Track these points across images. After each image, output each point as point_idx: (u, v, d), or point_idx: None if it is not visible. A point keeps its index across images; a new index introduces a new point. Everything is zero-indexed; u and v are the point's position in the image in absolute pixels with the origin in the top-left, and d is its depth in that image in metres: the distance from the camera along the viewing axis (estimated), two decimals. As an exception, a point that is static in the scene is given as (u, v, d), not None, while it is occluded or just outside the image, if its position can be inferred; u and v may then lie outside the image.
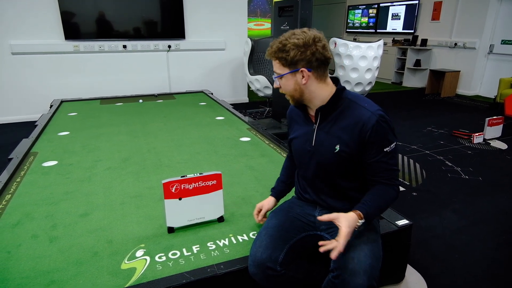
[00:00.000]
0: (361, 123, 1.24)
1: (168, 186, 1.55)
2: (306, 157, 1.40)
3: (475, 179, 3.03)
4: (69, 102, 4.53)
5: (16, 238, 1.60)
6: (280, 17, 3.93)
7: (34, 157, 2.60)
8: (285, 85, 1.31)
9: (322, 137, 1.33)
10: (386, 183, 1.29)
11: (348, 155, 1.28)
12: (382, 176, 1.28)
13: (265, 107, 5.60)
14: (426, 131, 4.47)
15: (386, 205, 1.31)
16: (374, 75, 4.50)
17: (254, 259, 1.31)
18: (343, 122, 1.29)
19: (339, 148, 1.29)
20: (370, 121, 1.23)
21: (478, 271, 1.88)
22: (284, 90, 1.33)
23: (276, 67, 1.30)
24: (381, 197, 1.28)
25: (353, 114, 1.27)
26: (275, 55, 1.28)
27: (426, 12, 7.47)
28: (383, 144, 1.25)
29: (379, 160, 1.26)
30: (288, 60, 1.25)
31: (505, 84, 5.55)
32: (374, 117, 1.23)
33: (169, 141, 2.95)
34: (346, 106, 1.30)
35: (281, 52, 1.26)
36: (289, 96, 1.34)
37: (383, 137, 1.24)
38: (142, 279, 1.33)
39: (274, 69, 1.32)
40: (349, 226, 1.17)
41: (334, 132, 1.30)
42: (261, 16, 8.83)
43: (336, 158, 1.30)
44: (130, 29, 5.15)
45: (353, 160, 1.30)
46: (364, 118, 1.24)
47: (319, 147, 1.34)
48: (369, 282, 1.13)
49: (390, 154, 1.27)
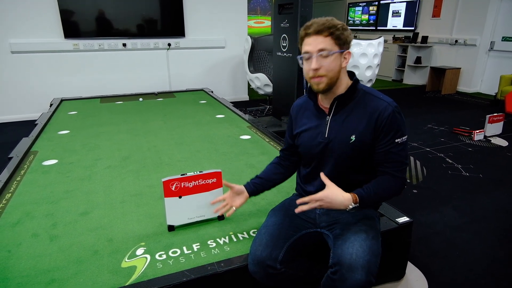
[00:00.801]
0: (377, 112, 1.27)
1: (168, 184, 1.55)
2: (316, 150, 1.38)
3: (476, 176, 3.03)
4: (69, 100, 4.53)
5: (16, 237, 1.60)
6: (280, 15, 3.92)
7: (34, 156, 2.60)
8: (330, 64, 1.24)
9: (337, 128, 1.33)
10: (393, 174, 1.30)
11: (364, 145, 1.29)
12: (390, 166, 1.29)
13: (265, 105, 5.60)
14: (426, 128, 4.46)
15: (387, 196, 1.32)
16: (374, 72, 4.49)
17: (254, 258, 1.31)
18: (359, 113, 1.30)
19: (354, 139, 1.29)
20: (387, 111, 1.26)
21: (478, 268, 1.88)
22: (326, 69, 1.24)
23: (326, 44, 1.22)
24: (383, 187, 1.29)
25: (370, 105, 1.29)
26: (329, 30, 1.22)
27: (426, 9, 7.45)
28: (396, 135, 1.27)
29: (389, 150, 1.28)
30: (342, 39, 1.24)
31: (506, 81, 5.54)
32: (390, 107, 1.27)
33: (169, 139, 2.95)
34: (361, 97, 1.32)
35: (335, 29, 1.23)
36: (326, 78, 1.25)
37: (396, 128, 1.27)
38: (142, 277, 1.33)
39: (319, 46, 1.22)
40: (327, 197, 1.22)
41: (349, 122, 1.31)
42: (261, 13, 8.81)
43: (352, 149, 1.31)
44: (130, 27, 5.14)
45: (367, 151, 1.31)
46: (381, 108, 1.27)
47: (333, 138, 1.33)
48: (367, 278, 1.13)
49: (401, 146, 1.29)
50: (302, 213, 1.42)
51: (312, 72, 1.25)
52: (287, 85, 4.00)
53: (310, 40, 1.24)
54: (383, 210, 1.71)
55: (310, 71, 1.26)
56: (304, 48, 1.27)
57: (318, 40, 1.23)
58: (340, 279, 1.15)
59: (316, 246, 1.46)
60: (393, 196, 1.34)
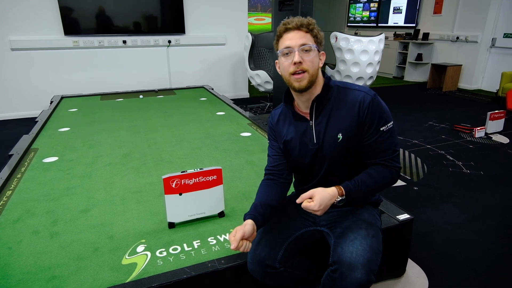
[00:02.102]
0: (357, 104, 1.25)
1: (169, 181, 1.54)
2: (308, 157, 1.34)
3: (477, 173, 3.02)
4: (70, 98, 4.52)
5: (17, 234, 1.60)
6: (281, 12, 3.90)
7: (34, 153, 2.60)
8: (313, 59, 1.23)
9: (323, 131, 1.29)
10: (384, 165, 1.27)
11: (352, 141, 1.27)
12: (381, 156, 1.27)
13: (266, 102, 5.59)
14: (427, 125, 4.45)
15: (377, 187, 1.28)
16: (375, 69, 4.48)
17: (253, 257, 1.30)
18: (340, 110, 1.27)
19: (341, 137, 1.27)
20: (366, 100, 1.24)
21: (479, 265, 1.88)
22: (308, 64, 1.22)
23: (307, 39, 1.21)
24: (372, 178, 1.26)
25: (348, 99, 1.27)
26: (309, 27, 1.22)
27: (428, 6, 7.41)
28: (380, 123, 1.25)
29: (376, 141, 1.25)
30: (319, 38, 1.24)
31: (507, 78, 5.51)
32: (368, 96, 1.25)
33: (170, 136, 2.95)
34: (338, 94, 1.29)
35: (314, 26, 1.23)
36: (308, 75, 1.22)
37: (379, 116, 1.24)
38: (143, 274, 1.33)
39: (301, 41, 1.21)
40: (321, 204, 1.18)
41: (333, 122, 1.28)
42: (262, 10, 8.78)
43: (341, 148, 1.28)
44: (130, 24, 5.13)
45: (357, 146, 1.28)
46: (359, 99, 1.25)
47: (322, 142, 1.30)
48: (367, 277, 1.13)
49: (387, 133, 1.26)
50: (302, 211, 1.41)
51: (294, 67, 1.22)
52: (287, 82, 3.98)
53: (291, 35, 1.22)
54: (384, 207, 1.71)
55: (291, 66, 1.22)
56: (283, 43, 1.23)
57: (299, 34, 1.21)
58: (340, 278, 1.14)
59: (316, 244, 1.46)
60: (388, 186, 1.30)
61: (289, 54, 1.23)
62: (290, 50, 1.22)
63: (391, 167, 1.28)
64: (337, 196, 1.22)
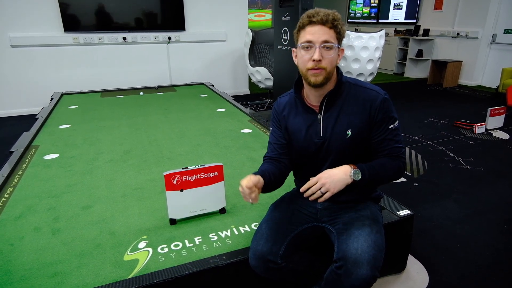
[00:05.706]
0: (369, 102, 1.27)
1: (170, 178, 1.55)
2: (312, 150, 1.35)
3: (477, 169, 3.02)
4: (70, 95, 4.52)
5: (19, 230, 1.61)
6: (281, 8, 3.89)
7: (35, 150, 2.60)
8: (332, 58, 1.22)
9: (331, 126, 1.30)
10: (392, 157, 1.31)
11: (361, 138, 1.29)
12: (388, 151, 1.30)
13: (266, 99, 5.58)
14: (427, 121, 4.45)
15: (386, 173, 1.30)
16: (375, 65, 4.47)
17: (254, 252, 1.30)
18: (350, 106, 1.29)
19: (351, 133, 1.28)
20: (378, 99, 1.26)
21: (480, 261, 1.88)
22: (327, 62, 1.21)
23: (330, 36, 1.20)
24: (381, 165, 1.29)
25: (360, 96, 1.29)
26: (334, 22, 1.20)
27: (428, 2, 7.39)
28: (389, 122, 1.28)
29: (385, 138, 1.29)
30: (342, 35, 1.24)
31: (508, 74, 5.51)
32: (380, 95, 1.27)
33: (170, 133, 2.95)
34: (349, 90, 1.30)
35: (339, 22, 1.21)
36: (325, 72, 1.22)
37: (388, 115, 1.28)
38: (144, 270, 1.34)
39: (324, 38, 1.19)
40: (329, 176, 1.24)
41: (343, 118, 1.29)
42: (262, 7, 8.75)
43: (349, 144, 1.30)
44: (130, 21, 5.11)
45: (365, 143, 1.31)
46: (371, 98, 1.27)
47: (329, 136, 1.31)
48: (372, 273, 1.13)
49: (395, 131, 1.30)
50: (303, 207, 1.43)
51: (312, 64, 1.21)
52: (288, 79, 3.98)
53: (315, 29, 1.20)
54: (385, 203, 1.71)
55: (309, 62, 1.21)
56: (305, 36, 1.21)
57: (323, 30, 1.19)
58: (345, 274, 1.15)
59: (317, 240, 1.46)
60: (395, 176, 1.32)
61: (309, 49, 1.21)
62: (311, 45, 1.21)
63: (398, 158, 1.31)
64: (350, 170, 1.24)
